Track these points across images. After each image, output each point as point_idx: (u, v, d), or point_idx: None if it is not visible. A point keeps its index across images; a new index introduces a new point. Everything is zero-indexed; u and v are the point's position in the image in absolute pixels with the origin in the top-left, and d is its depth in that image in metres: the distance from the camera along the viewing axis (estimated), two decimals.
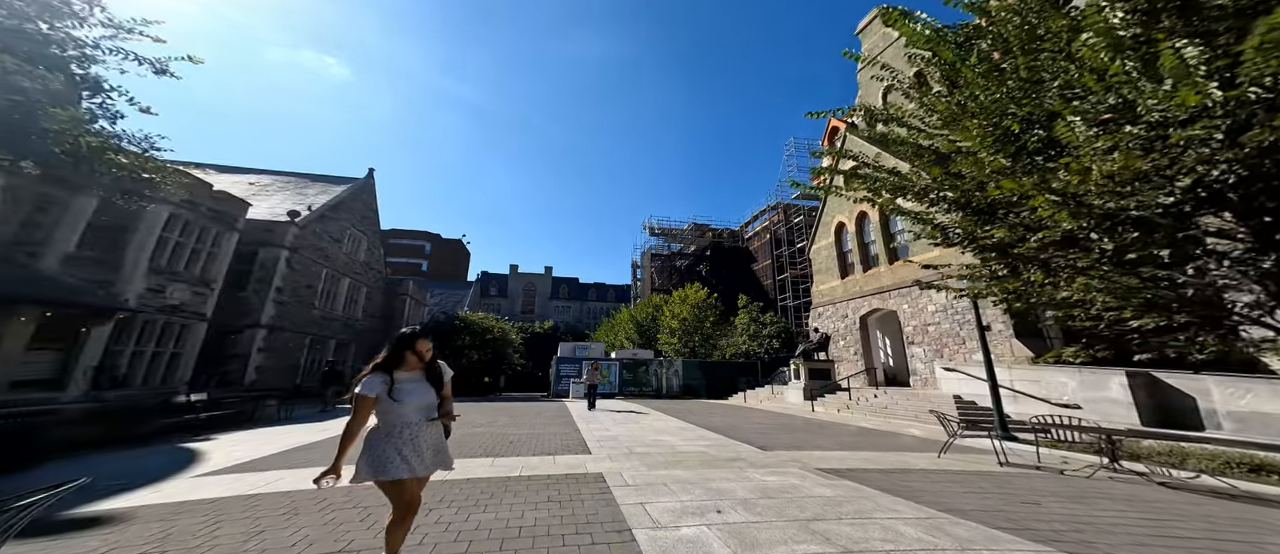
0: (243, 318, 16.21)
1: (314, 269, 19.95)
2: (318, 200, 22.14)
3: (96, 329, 10.77)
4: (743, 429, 8.16)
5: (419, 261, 54.25)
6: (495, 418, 9.90)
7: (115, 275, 11.47)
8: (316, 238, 20.32)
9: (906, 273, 13.56)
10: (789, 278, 26.33)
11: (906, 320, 13.22)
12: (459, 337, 24.02)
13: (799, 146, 27.34)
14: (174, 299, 12.90)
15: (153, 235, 12.23)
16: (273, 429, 8.38)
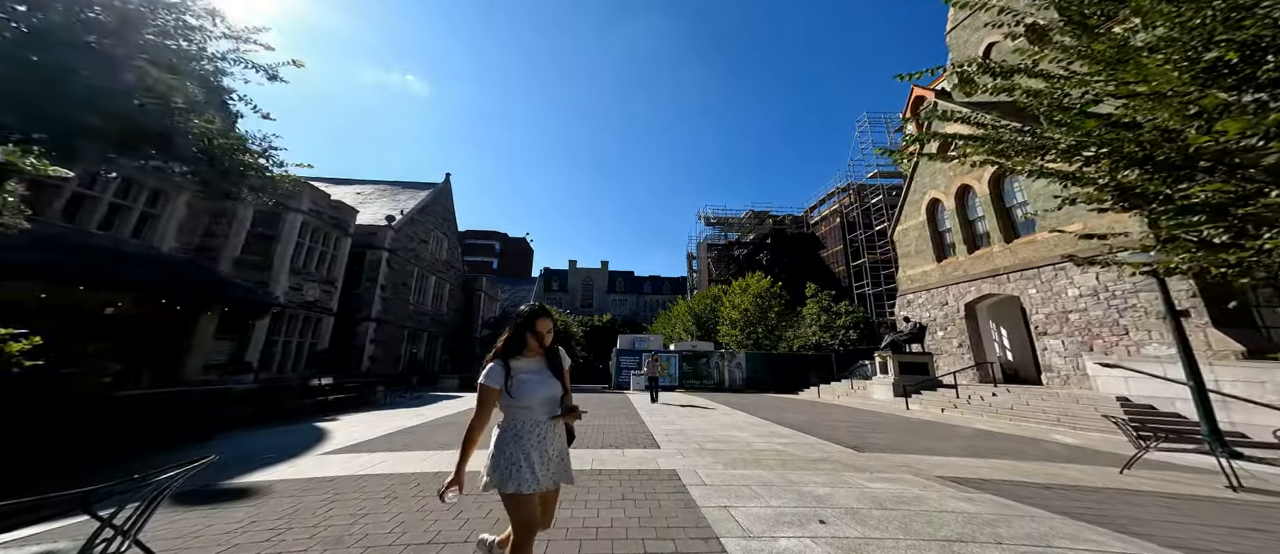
0: (357, 312, 18.88)
1: (407, 268, 22.56)
2: (407, 205, 24.92)
3: (258, 322, 13.23)
4: (824, 426, 7.41)
5: (490, 260, 59.05)
6: None
7: (267, 276, 13.96)
8: (408, 239, 22.93)
9: (1030, 253, 11.30)
10: (866, 264, 23.76)
11: (1035, 307, 11.04)
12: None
13: (872, 122, 24.36)
14: (309, 296, 15.41)
15: (292, 240, 14.67)
16: (381, 412, 9.45)
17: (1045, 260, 10.76)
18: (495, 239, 61.10)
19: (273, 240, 14.32)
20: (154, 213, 12.28)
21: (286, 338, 14.59)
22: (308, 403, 9.95)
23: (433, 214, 26.09)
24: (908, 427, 7.81)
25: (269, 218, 14.46)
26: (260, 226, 14.28)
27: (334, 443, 5.84)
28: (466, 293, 30.04)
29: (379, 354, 19.26)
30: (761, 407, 11.39)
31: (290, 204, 14.74)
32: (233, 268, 13.36)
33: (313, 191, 15.65)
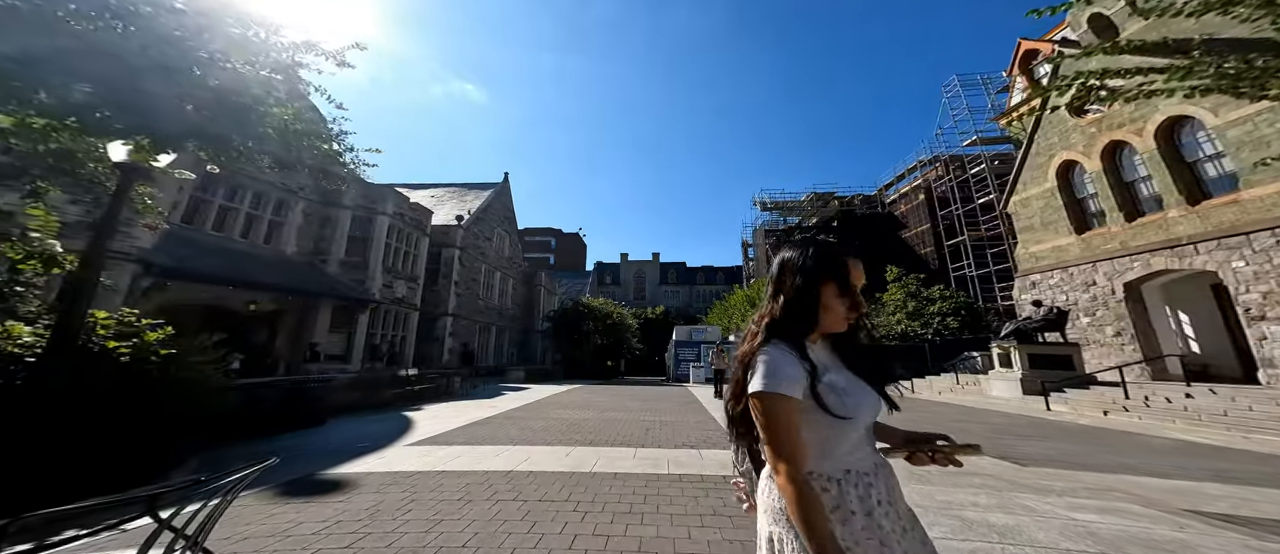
0: (437, 307, 20.34)
1: (476, 265, 23.88)
2: (473, 205, 26.35)
3: (360, 317, 14.61)
4: (943, 427, 6.20)
5: (547, 256, 61.46)
6: (625, 402, 9.87)
7: (365, 275, 15.36)
8: (475, 238, 24.24)
9: (1233, 216, 8.66)
10: (966, 242, 20.65)
11: (1243, 284, 8.52)
12: (584, 322, 25.96)
13: (965, 84, 20.83)
14: (398, 293, 16.79)
15: (382, 242, 16.00)
16: (458, 403, 9.58)
17: (1260, 223, 8.21)
18: (551, 235, 63.41)
19: (367, 242, 15.70)
20: (280, 220, 13.98)
21: (383, 331, 16.00)
22: (397, 393, 10.30)
23: (495, 212, 27.35)
24: (1063, 433, 6.31)
25: (363, 222, 15.87)
26: (356, 230, 15.75)
27: (418, 434, 5.89)
28: (528, 287, 31.29)
29: (456, 346, 20.62)
30: None
31: (378, 208, 16.06)
32: (339, 269, 14.88)
33: (396, 195, 16.91)
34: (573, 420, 6.95)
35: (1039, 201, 13.57)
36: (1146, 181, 10.58)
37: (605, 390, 13.48)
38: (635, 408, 8.73)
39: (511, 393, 12.02)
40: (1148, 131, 10.22)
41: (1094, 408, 8.24)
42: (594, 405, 9.04)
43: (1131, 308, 10.90)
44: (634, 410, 8.22)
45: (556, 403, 9.47)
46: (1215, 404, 6.98)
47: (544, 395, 11.24)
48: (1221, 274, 8.87)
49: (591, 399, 10.52)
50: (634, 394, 12.15)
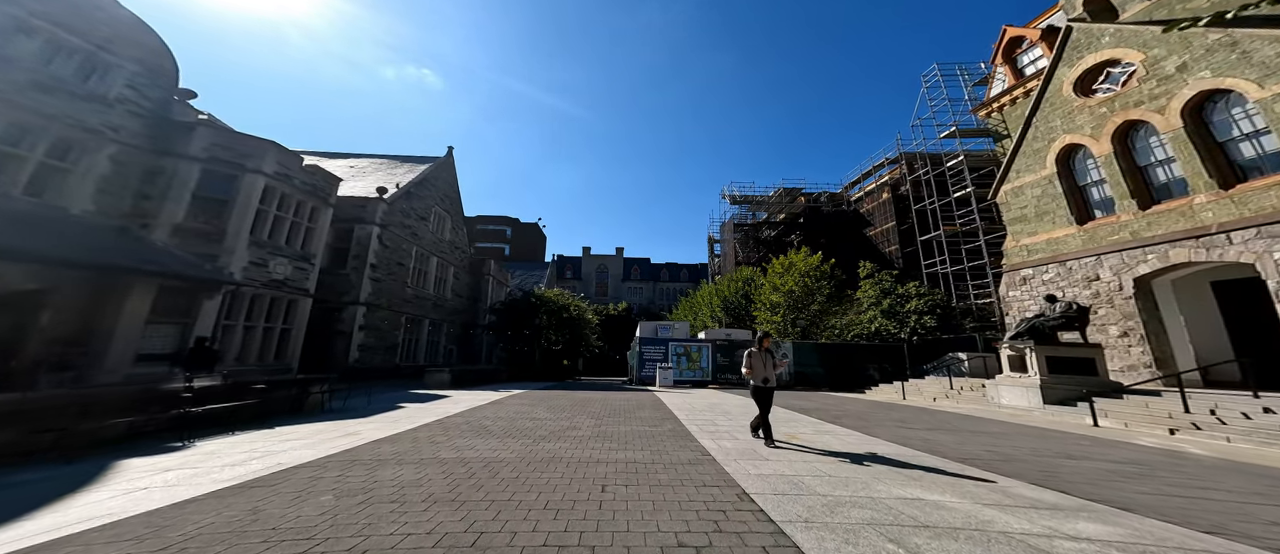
0: (344, 295, 16.15)
1: (404, 246, 19.76)
2: (404, 179, 22.07)
3: (205, 302, 10.46)
4: (1005, 461, 4.27)
5: (501, 246, 56.41)
6: (575, 420, 7.14)
7: (219, 248, 11.16)
8: (404, 215, 20.08)
9: (1277, 200, 7.69)
10: (941, 237, 20.06)
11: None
12: (536, 316, 22.64)
13: (945, 75, 20.27)
14: (278, 273, 12.63)
15: (251, 207, 11.80)
16: (289, 430, 5.82)
17: None
18: (506, 224, 58.38)
19: (227, 206, 11.49)
20: (62, 167, 9.50)
21: (249, 322, 11.85)
22: (168, 416, 5.54)
23: (434, 190, 23.18)
24: (1170, 465, 4.54)
25: (222, 180, 11.61)
26: (210, 190, 11.48)
27: None
28: (474, 277, 27.27)
29: (371, 343, 16.58)
30: (845, 413, 8.22)
31: (247, 164, 11.86)
32: (173, 237, 10.59)
33: (278, 152, 12.71)
34: (478, 464, 4.10)
35: (1034, 190, 12.60)
36: (1166, 165, 9.61)
37: (554, 399, 10.52)
38: (587, 431, 5.97)
39: (416, 405, 8.69)
40: (1172, 108, 9.18)
41: (1148, 423, 6.76)
42: (528, 428, 6.16)
43: (1142, 305, 9.95)
44: (585, 438, 5.47)
45: (474, 423, 6.45)
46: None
47: (462, 409, 8.11)
48: (1259, 266, 7.85)
49: (530, 414, 7.58)
50: (590, 404, 9.33)
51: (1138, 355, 9.88)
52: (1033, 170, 12.67)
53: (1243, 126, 8.34)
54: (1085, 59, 10.83)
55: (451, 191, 25.44)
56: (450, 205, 24.94)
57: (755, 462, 4.31)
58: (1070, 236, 11.58)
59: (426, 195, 22.44)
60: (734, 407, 9.50)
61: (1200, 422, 6.34)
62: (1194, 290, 10.36)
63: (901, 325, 18.35)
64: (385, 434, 5.55)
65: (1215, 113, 8.74)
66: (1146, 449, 5.35)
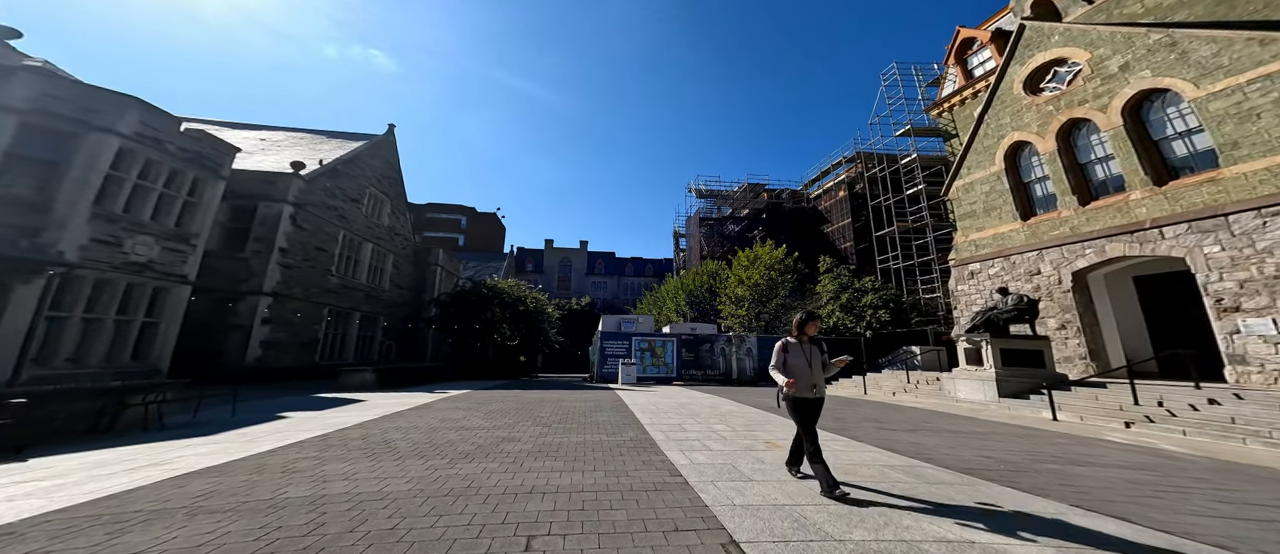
0: (242, 283, 13.57)
1: (328, 230, 17.18)
2: (331, 155, 19.32)
3: (18, 288, 7.98)
4: (1017, 466, 3.83)
5: (455, 236, 52.57)
6: (517, 427, 6.01)
7: (45, 219, 8.61)
8: (330, 195, 17.46)
9: (1207, 196, 8.01)
10: (895, 233, 20.65)
11: (1217, 271, 7.83)
12: (488, 308, 20.82)
13: (903, 74, 20.81)
14: (138, 255, 10.11)
15: (95, 173, 9.26)
16: (35, 464, 4.09)
17: (1243, 203, 7.50)
18: (460, 213, 54.52)
19: (60, 169, 8.92)
20: None
21: (93, 314, 9.36)
22: None
23: (368, 169, 20.52)
24: (1173, 469, 4.23)
25: (58, 138, 9.01)
26: (39, 150, 8.85)
27: None
28: (419, 267, 24.70)
29: (280, 338, 14.12)
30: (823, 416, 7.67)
31: (94, 120, 9.30)
32: None
33: (142, 111, 10.16)
34: (340, 509, 2.89)
35: (983, 186, 12.90)
36: (1105, 163, 9.96)
37: (498, 401, 9.13)
38: (527, 444, 4.85)
39: (306, 414, 6.96)
40: (1114, 107, 9.47)
41: (1102, 416, 6.72)
42: (449, 442, 4.89)
43: (1078, 298, 10.32)
44: (521, 456, 4.36)
45: (374, 439, 5.05)
46: (1256, 414, 5.62)
47: (370, 417, 6.58)
48: (1190, 260, 8.19)
49: (460, 421, 6.24)
50: (540, 407, 8.08)
51: (1074, 347, 10.25)
52: (983, 167, 12.96)
53: (1176, 125, 8.70)
54: (1035, 58, 11.07)
55: (392, 174, 22.77)
56: (390, 188, 22.30)
57: (737, 484, 3.41)
58: (1015, 232, 11.92)
59: (359, 175, 19.78)
60: (702, 406, 8.69)
61: (1151, 414, 6.33)
62: (1120, 285, 10.98)
63: (858, 320, 18.66)
64: (216, 462, 4.05)
65: (1152, 112, 9.09)
66: (1127, 448, 5.08)
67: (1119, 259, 9.50)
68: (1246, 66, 7.42)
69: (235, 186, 13.98)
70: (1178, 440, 5.44)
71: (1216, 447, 5.08)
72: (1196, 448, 5.01)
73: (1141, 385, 7.30)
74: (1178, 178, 8.58)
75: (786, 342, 3.37)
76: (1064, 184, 10.64)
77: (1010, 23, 14.90)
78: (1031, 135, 11.49)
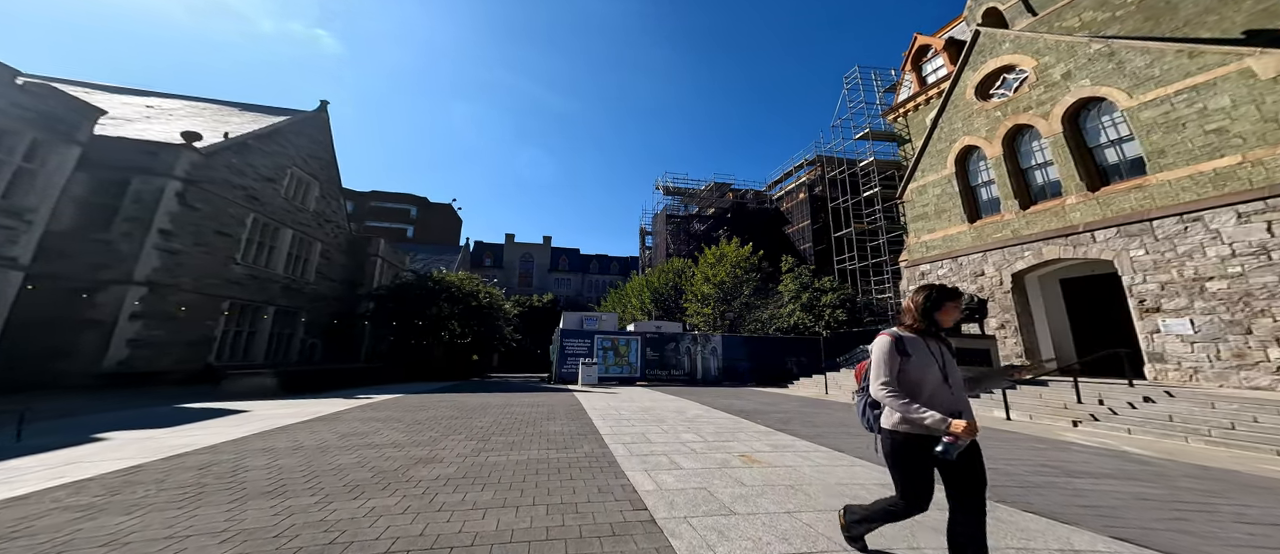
0: (103, 270, 11.03)
1: (232, 212, 14.62)
2: (242, 129, 16.62)
3: None
4: (1026, 483, 3.38)
5: (404, 227, 48.52)
6: (443, 443, 4.95)
7: None
8: (236, 173, 14.88)
9: (1134, 202, 8.47)
10: (852, 234, 21.23)
11: (1141, 274, 8.25)
12: (434, 303, 18.97)
13: (864, 77, 21.45)
14: None
15: None
16: None
17: (1164, 210, 7.94)
18: (411, 203, 50.44)
19: None
20: None
21: None
22: None
23: (290, 147, 17.88)
24: (1137, 473, 4.05)
25: None
26: None
27: None
28: (355, 258, 22.09)
29: (156, 336, 11.68)
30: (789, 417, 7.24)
31: None
32: None
33: None
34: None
35: (935, 189, 13.28)
36: (1044, 168, 10.40)
37: (430, 408, 7.79)
38: (450, 468, 3.86)
39: (133, 435, 5.24)
40: (1055, 114, 9.87)
41: (1049, 415, 6.75)
42: (336, 469, 3.76)
43: (1017, 299, 10.74)
44: (436, 485, 3.38)
45: (218, 472, 3.74)
46: (1190, 411, 5.75)
47: (237, 436, 5.10)
48: (1117, 263, 8.61)
49: (368, 439, 4.97)
50: (481, 414, 6.91)
51: (1011, 346, 10.66)
52: (936, 170, 13.33)
53: (1109, 133, 9.17)
54: (987, 64, 11.43)
55: (323, 155, 20.10)
56: (320, 170, 19.65)
57: (718, 520, 2.65)
58: (963, 233, 12.32)
59: (277, 153, 17.16)
60: (668, 411, 7.93)
61: (1095, 413, 6.41)
62: (1051, 287, 11.63)
63: (817, 319, 18.95)
64: None
65: (1089, 119, 9.56)
66: (1097, 452, 4.89)
67: (1055, 261, 9.94)
68: (1175, 78, 7.87)
69: (102, 156, 11.41)
70: (1129, 440, 5.46)
71: (1165, 445, 5.11)
72: (1153, 448, 4.98)
73: (1080, 383, 7.50)
74: (1109, 184, 9.05)
75: (899, 338, 1.84)
76: (1007, 188, 11.05)
77: (963, 32, 15.55)
78: (980, 140, 11.88)
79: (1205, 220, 7.41)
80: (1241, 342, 6.88)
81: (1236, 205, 7.03)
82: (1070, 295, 11.52)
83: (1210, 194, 7.37)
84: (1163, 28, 9.11)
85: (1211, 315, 7.23)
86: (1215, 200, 7.27)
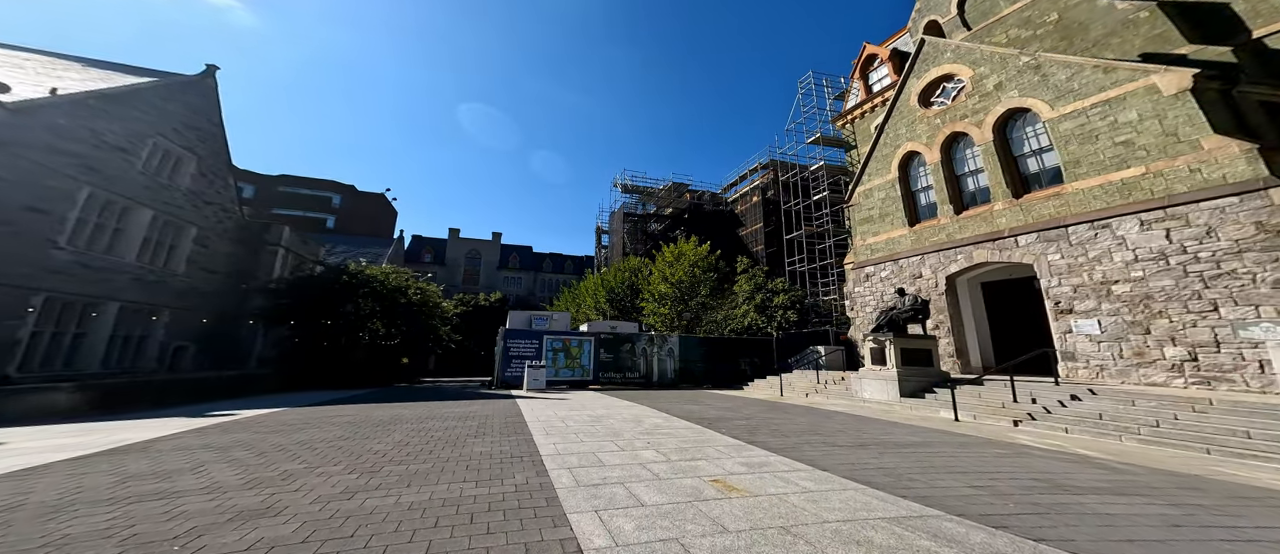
0: None
1: (56, 184, 11.24)
2: (82, 86, 13.06)
3: None
4: (1040, 507, 3.03)
5: (324, 216, 42.57)
6: (318, 467, 3.73)
7: None
8: (63, 136, 11.46)
9: (1052, 209, 9.06)
10: (803, 237, 21.80)
11: (1056, 277, 8.79)
12: (352, 299, 16.36)
13: (817, 83, 22.18)
14: None
15: None
16: None
17: (1078, 217, 8.52)
18: (333, 190, 44.54)
19: None
20: None
21: None
22: None
23: (156, 114, 14.44)
24: (1127, 485, 3.83)
25: None
26: None
27: None
28: (247, 247, 18.45)
29: None
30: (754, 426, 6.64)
31: None
32: None
33: None
34: None
35: (880, 192, 13.71)
36: (976, 175, 10.97)
37: (317, 426, 6.01)
38: (280, 534, 2.59)
39: None
40: (987, 123, 10.41)
41: (991, 415, 6.79)
42: (64, 540, 2.22)
43: (950, 301, 11.24)
44: None
45: None
46: (1116, 410, 5.94)
47: None
48: (1037, 267, 9.15)
49: (175, 483, 3.39)
50: (384, 435, 5.35)
51: (944, 346, 11.14)
52: (881, 174, 13.76)
53: (1032, 143, 9.80)
54: (931, 72, 11.90)
55: (203, 125, 16.49)
56: (200, 144, 16.10)
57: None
58: (904, 237, 12.78)
59: (136, 119, 13.73)
60: (623, 420, 6.95)
61: (1032, 412, 6.51)
62: (975, 290, 12.42)
63: (769, 320, 19.11)
64: None
65: (1015, 129, 10.18)
66: (1058, 456, 4.66)
67: (984, 264, 10.49)
68: (1091, 92, 8.49)
69: None
70: (1071, 440, 5.49)
71: (1106, 445, 5.16)
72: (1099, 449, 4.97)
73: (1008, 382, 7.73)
74: (1031, 191, 9.67)
75: None
76: (944, 193, 11.56)
77: (907, 44, 16.35)
78: (922, 146, 12.37)
79: (1113, 227, 8.02)
80: (1141, 341, 7.48)
81: (1140, 213, 7.65)
82: (989, 298, 12.38)
83: (1118, 202, 7.99)
84: (1075, 47, 9.98)
85: (1116, 316, 7.83)
86: (1122, 208, 7.88)
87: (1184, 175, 7.12)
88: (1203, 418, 5.22)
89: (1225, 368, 6.48)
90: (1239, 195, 6.40)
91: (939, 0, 14.14)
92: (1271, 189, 6.10)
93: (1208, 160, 6.82)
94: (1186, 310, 6.95)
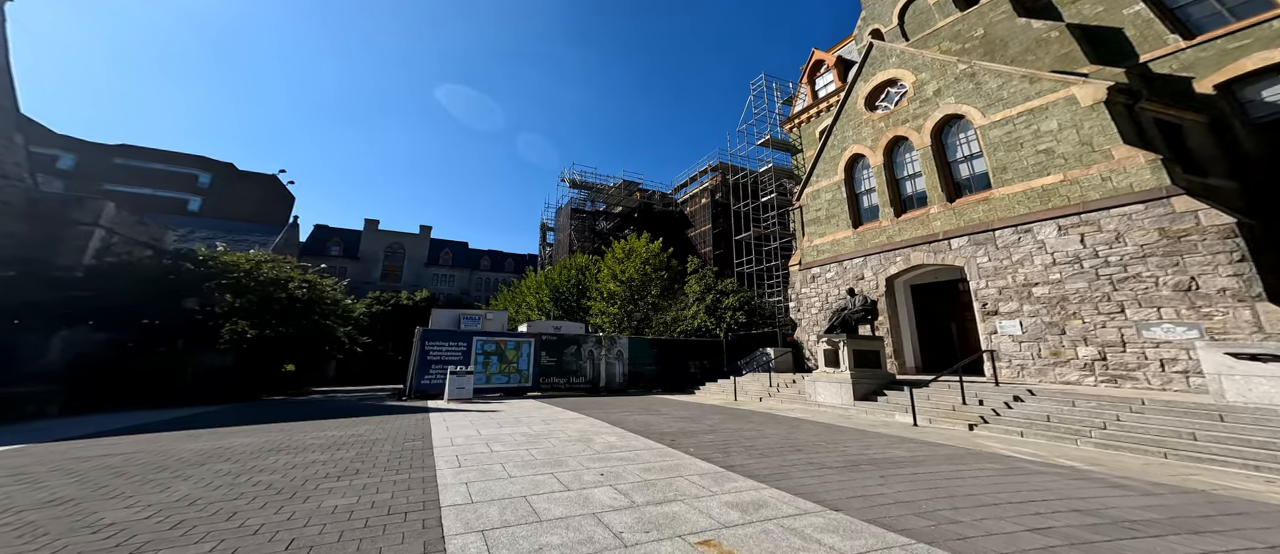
0: None
1: None
2: None
3: None
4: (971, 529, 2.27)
5: (185, 197, 34.39)
6: None
7: None
8: None
9: (981, 213, 9.49)
10: (751, 238, 21.92)
11: (984, 279, 9.14)
12: (196, 291, 12.70)
13: (769, 85, 22.59)
14: None
15: None
16: None
17: (1003, 221, 8.94)
18: (200, 167, 36.33)
19: None
20: None
21: None
22: None
23: None
24: (1143, 512, 3.36)
25: None
26: None
27: None
28: (46, 225, 13.52)
29: None
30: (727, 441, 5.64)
31: None
32: None
33: None
34: None
35: (827, 194, 13.87)
36: (914, 179, 11.33)
37: (38, 484, 3.65)
38: None
39: None
40: (926, 128, 10.75)
41: (945, 418, 6.56)
42: None
43: (889, 302, 11.51)
44: None
45: None
46: (1059, 411, 5.91)
47: None
48: (967, 269, 9.52)
49: None
50: (175, 485, 3.29)
51: (886, 346, 11.34)
52: (828, 176, 13.92)
53: (964, 149, 10.27)
54: (877, 76, 12.17)
55: None
56: None
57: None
58: (848, 238, 12.98)
59: None
60: (568, 440, 5.56)
61: (983, 415, 6.36)
62: (905, 292, 13.00)
63: (719, 322, 18.78)
64: None
65: (950, 135, 10.64)
66: (1044, 470, 4.25)
67: (921, 266, 10.82)
68: (1018, 101, 9.00)
69: None
70: (1028, 443, 5.27)
71: (1066, 449, 4.97)
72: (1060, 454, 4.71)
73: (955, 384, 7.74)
74: (963, 196, 10.11)
75: None
76: (886, 196, 11.86)
77: (852, 53, 16.98)
78: (867, 149, 12.64)
79: (1034, 231, 8.50)
80: (1058, 341, 7.94)
81: (1057, 219, 8.15)
82: (917, 299, 13.04)
83: (1038, 208, 8.49)
84: (998, 62, 10.76)
85: (1036, 317, 8.27)
86: (1042, 214, 8.37)
87: (1097, 183, 7.70)
88: (1142, 419, 5.33)
89: (1130, 367, 6.98)
90: (1145, 202, 6.97)
91: (882, 10, 14.83)
92: (1173, 197, 6.69)
93: (1118, 169, 7.42)
94: (1097, 312, 7.46)
